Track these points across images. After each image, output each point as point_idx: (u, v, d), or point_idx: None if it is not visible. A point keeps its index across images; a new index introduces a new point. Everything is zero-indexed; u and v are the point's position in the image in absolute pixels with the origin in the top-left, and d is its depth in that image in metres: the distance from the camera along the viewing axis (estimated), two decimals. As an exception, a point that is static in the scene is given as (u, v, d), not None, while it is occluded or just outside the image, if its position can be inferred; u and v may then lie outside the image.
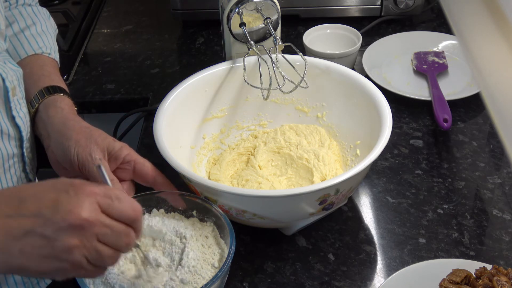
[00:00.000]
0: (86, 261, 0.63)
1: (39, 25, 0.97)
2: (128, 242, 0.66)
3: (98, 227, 0.62)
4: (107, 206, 0.64)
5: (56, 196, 0.62)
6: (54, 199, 0.61)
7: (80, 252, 0.62)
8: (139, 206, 0.67)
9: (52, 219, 0.60)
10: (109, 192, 0.65)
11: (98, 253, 0.63)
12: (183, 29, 1.51)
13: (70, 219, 0.60)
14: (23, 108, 0.84)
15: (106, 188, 0.65)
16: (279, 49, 1.01)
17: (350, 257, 0.91)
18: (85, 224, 0.61)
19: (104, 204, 0.63)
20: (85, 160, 0.82)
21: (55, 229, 0.60)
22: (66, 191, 0.62)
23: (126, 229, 0.65)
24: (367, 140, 0.96)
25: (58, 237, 0.60)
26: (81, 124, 0.87)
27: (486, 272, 0.79)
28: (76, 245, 0.61)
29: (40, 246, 0.61)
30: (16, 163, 0.83)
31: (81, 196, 0.62)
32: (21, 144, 0.84)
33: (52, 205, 0.61)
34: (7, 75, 0.79)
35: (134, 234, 0.67)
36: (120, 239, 0.65)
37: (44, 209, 0.61)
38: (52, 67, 0.96)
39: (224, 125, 1.08)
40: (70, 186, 0.63)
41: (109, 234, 0.63)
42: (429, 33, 1.38)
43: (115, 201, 0.64)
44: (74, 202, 0.61)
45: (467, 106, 1.18)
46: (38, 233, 0.60)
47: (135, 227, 0.67)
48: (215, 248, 0.82)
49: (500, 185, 1.01)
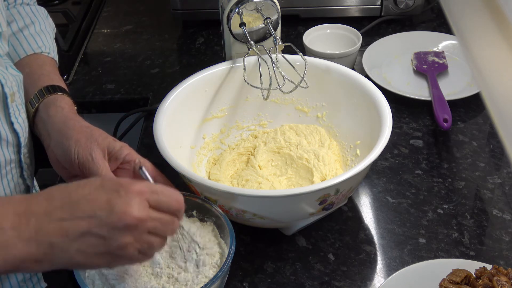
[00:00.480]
0: (138, 252, 0.67)
1: (37, 24, 0.97)
2: (174, 228, 0.70)
3: (149, 223, 0.66)
4: (155, 201, 0.67)
5: (108, 197, 0.65)
6: (107, 200, 0.64)
7: (134, 247, 0.66)
8: (182, 197, 0.71)
9: (107, 220, 0.64)
10: (155, 188, 0.69)
11: (149, 244, 0.67)
12: (183, 29, 1.51)
13: (125, 220, 0.64)
14: (22, 114, 0.84)
15: (151, 185, 0.69)
16: (279, 49, 1.01)
17: (350, 257, 0.91)
18: (138, 223, 0.65)
19: (152, 200, 0.67)
20: (85, 160, 0.82)
21: (111, 229, 0.64)
22: (116, 191, 0.65)
23: (172, 218, 0.69)
24: (367, 140, 0.96)
25: (113, 236, 0.64)
26: (82, 124, 0.87)
27: (486, 272, 0.79)
28: (130, 242, 0.65)
29: (96, 245, 0.65)
30: (13, 169, 0.83)
31: (131, 195, 0.65)
32: (19, 150, 0.84)
33: (106, 207, 0.64)
34: (6, 81, 0.79)
35: (177, 221, 0.71)
36: (168, 228, 0.69)
37: (98, 211, 0.64)
38: (52, 67, 0.96)
39: (224, 125, 1.08)
40: (119, 186, 0.66)
41: (158, 226, 0.67)
42: (429, 33, 1.38)
43: (161, 196, 0.68)
44: (126, 202, 0.65)
45: (467, 106, 1.18)
46: (94, 233, 0.64)
47: (178, 215, 0.71)
48: (215, 248, 0.82)
49: (500, 185, 1.01)
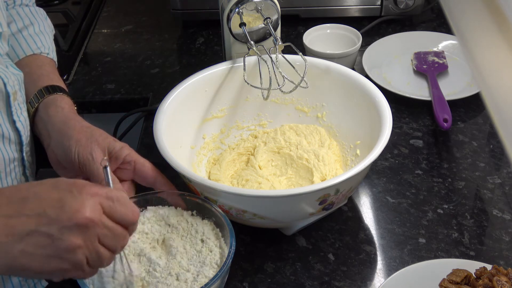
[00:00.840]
0: (86, 261, 0.64)
1: (36, 25, 0.97)
2: (123, 244, 0.67)
3: (100, 228, 0.63)
4: (109, 208, 0.64)
5: (59, 195, 0.62)
6: (59, 199, 0.62)
7: (83, 253, 0.63)
8: (138, 210, 0.68)
9: (57, 218, 0.61)
10: (111, 194, 0.66)
11: (98, 254, 0.64)
12: (183, 29, 1.51)
13: (76, 219, 0.61)
14: (23, 112, 0.84)
15: (108, 190, 0.66)
16: (279, 49, 1.01)
17: (350, 257, 0.91)
18: (89, 224, 0.62)
19: (106, 205, 0.64)
20: (85, 160, 0.82)
21: (60, 228, 0.61)
22: (69, 191, 0.63)
23: (124, 231, 0.66)
24: (367, 140, 0.96)
25: (62, 236, 0.61)
26: (82, 124, 0.87)
27: (486, 272, 0.79)
28: (79, 245, 0.62)
29: (43, 245, 0.61)
30: (16, 167, 0.83)
31: (85, 196, 0.63)
32: (21, 148, 0.84)
33: (57, 205, 0.61)
34: (8, 79, 0.79)
35: (128, 238, 0.68)
36: (118, 241, 0.66)
37: (48, 209, 0.61)
38: (51, 67, 0.96)
39: (224, 125, 1.08)
40: (73, 186, 0.63)
41: (109, 236, 0.64)
42: (429, 33, 1.38)
43: (116, 204, 0.65)
44: (79, 202, 0.62)
45: (467, 106, 1.18)
46: (42, 232, 0.61)
47: (131, 230, 0.68)
48: (215, 248, 0.82)
49: (500, 185, 1.01)
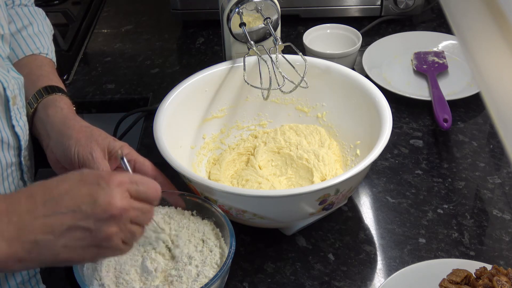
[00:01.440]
0: (122, 242, 0.68)
1: (35, 25, 0.97)
2: (151, 217, 0.72)
3: (131, 212, 0.68)
4: (135, 191, 0.69)
5: (89, 190, 0.65)
6: (89, 194, 0.65)
7: (118, 237, 0.67)
8: (159, 186, 0.72)
9: (92, 212, 0.65)
10: (134, 178, 0.70)
11: (132, 233, 0.69)
12: (183, 29, 1.51)
13: (110, 211, 0.65)
14: (22, 117, 0.84)
15: (130, 175, 0.71)
16: (279, 49, 1.01)
17: (350, 257, 0.91)
18: (122, 213, 0.66)
19: (132, 190, 0.68)
20: (85, 159, 0.83)
21: (96, 221, 0.65)
22: (98, 184, 0.66)
23: (150, 207, 0.71)
24: (367, 140, 0.96)
25: (99, 228, 0.65)
26: (81, 124, 0.87)
27: (486, 272, 0.79)
28: (115, 232, 0.66)
29: (83, 238, 0.65)
30: (14, 171, 0.83)
31: (113, 187, 0.66)
32: (20, 153, 0.84)
33: (89, 200, 0.65)
34: (8, 84, 0.79)
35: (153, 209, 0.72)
36: (147, 216, 0.71)
37: (82, 204, 0.65)
38: (50, 67, 0.96)
39: (224, 125, 1.08)
40: (99, 178, 0.67)
41: (139, 215, 0.69)
42: (429, 33, 1.38)
43: (140, 186, 0.69)
44: (109, 194, 0.65)
45: (467, 106, 1.18)
46: (80, 227, 0.65)
47: (155, 204, 0.72)
48: (215, 248, 0.82)
49: (500, 185, 1.01)
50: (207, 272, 0.78)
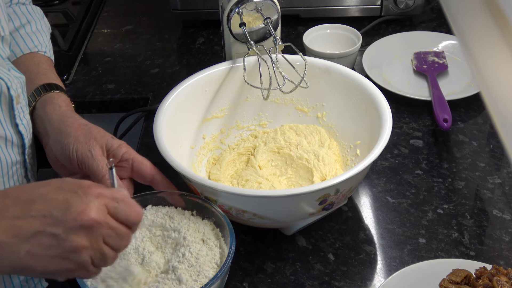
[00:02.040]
0: (90, 261, 0.64)
1: (33, 23, 0.97)
2: (127, 243, 0.68)
3: (105, 229, 0.64)
4: (114, 208, 0.65)
5: (65, 197, 0.63)
6: (64, 200, 0.62)
7: (87, 253, 0.63)
8: (141, 210, 0.68)
9: (63, 219, 0.62)
10: (116, 195, 0.66)
11: (103, 254, 0.65)
12: (183, 29, 1.51)
13: (81, 220, 0.62)
14: (26, 115, 0.84)
15: (112, 191, 0.67)
16: (279, 49, 1.01)
17: (350, 257, 0.91)
18: (94, 225, 0.63)
19: (111, 206, 0.65)
20: (84, 157, 0.82)
21: (66, 229, 0.62)
22: (75, 192, 0.63)
23: (127, 231, 0.67)
24: (367, 140, 0.96)
25: (68, 237, 0.62)
26: (80, 122, 0.87)
27: (486, 272, 0.79)
28: (84, 246, 0.63)
29: (49, 246, 0.62)
30: (18, 169, 0.83)
31: (90, 197, 0.63)
32: (24, 151, 0.84)
33: (62, 206, 0.62)
34: (11, 83, 0.79)
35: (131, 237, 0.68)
36: (122, 241, 0.66)
37: (54, 210, 0.62)
38: (48, 65, 0.96)
39: (224, 125, 1.08)
40: (78, 187, 0.64)
41: (113, 236, 0.65)
42: (429, 33, 1.38)
43: (120, 204, 0.66)
44: (84, 203, 0.63)
45: (467, 106, 1.18)
46: (48, 233, 0.61)
47: (134, 229, 0.68)
48: (215, 248, 0.82)
49: (500, 185, 1.01)
50: (207, 272, 0.78)
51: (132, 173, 0.87)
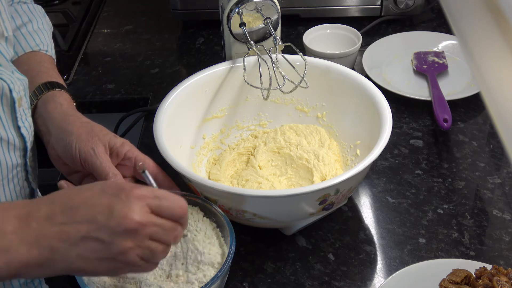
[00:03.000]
0: (140, 259, 0.66)
1: (35, 22, 0.97)
2: (176, 236, 0.69)
3: (149, 228, 0.65)
4: (156, 206, 0.66)
5: (108, 201, 0.64)
6: (107, 204, 0.64)
7: (134, 253, 0.65)
8: (185, 203, 0.69)
9: (107, 224, 0.63)
10: (157, 193, 0.68)
11: (151, 250, 0.66)
12: (183, 29, 1.51)
13: (125, 224, 0.63)
14: (28, 118, 0.84)
15: (153, 190, 0.68)
16: (279, 49, 1.01)
17: (350, 257, 0.91)
18: (138, 227, 0.64)
19: (153, 205, 0.66)
20: (87, 155, 0.82)
21: (110, 233, 0.63)
22: (117, 196, 0.64)
23: (174, 225, 0.68)
24: (367, 140, 0.96)
25: (113, 241, 0.63)
26: (82, 120, 0.87)
27: (486, 272, 0.79)
28: (130, 247, 0.64)
29: (96, 249, 0.64)
30: (19, 172, 0.83)
31: (132, 200, 0.64)
32: (25, 154, 0.84)
33: (106, 211, 0.64)
34: (14, 85, 0.79)
35: (181, 228, 0.70)
36: (169, 235, 0.68)
37: (98, 215, 0.63)
38: (50, 64, 0.96)
39: (224, 125, 1.08)
40: (120, 190, 0.65)
41: (160, 232, 0.66)
42: (429, 33, 1.38)
43: (163, 201, 0.67)
44: (126, 207, 0.64)
45: (467, 106, 1.18)
46: (93, 238, 0.63)
47: (182, 222, 0.69)
48: (215, 248, 0.82)
49: (500, 185, 1.01)
50: (207, 272, 0.78)
51: (135, 171, 0.87)
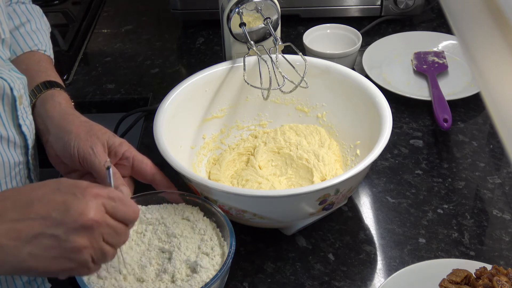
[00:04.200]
0: (91, 260, 0.66)
1: (33, 22, 0.97)
2: (125, 240, 0.70)
3: (104, 228, 0.65)
4: (111, 208, 0.66)
5: (63, 198, 0.64)
6: (63, 202, 0.64)
7: (88, 252, 0.65)
8: (138, 208, 0.70)
9: (63, 220, 0.63)
10: (113, 194, 0.68)
11: (103, 252, 0.66)
12: (183, 29, 1.51)
13: (81, 220, 0.63)
14: (29, 116, 0.84)
15: (110, 190, 0.68)
16: (279, 49, 1.01)
17: (350, 257, 0.91)
18: (94, 225, 0.64)
19: (108, 206, 0.66)
20: (86, 154, 0.82)
21: (66, 230, 0.63)
22: (73, 194, 0.64)
23: (125, 228, 0.69)
24: (367, 140, 0.96)
25: (68, 238, 0.63)
26: (81, 119, 0.87)
27: (486, 272, 0.79)
28: (85, 245, 0.64)
29: (50, 247, 0.63)
30: (21, 170, 0.83)
31: (88, 197, 0.65)
32: (26, 151, 0.84)
33: (62, 208, 0.63)
34: (14, 84, 0.79)
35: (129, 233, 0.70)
36: (121, 238, 0.68)
37: (53, 212, 0.63)
38: (48, 63, 0.96)
39: (224, 125, 1.08)
40: (75, 188, 0.65)
41: (112, 234, 0.67)
42: (429, 33, 1.38)
43: (118, 203, 0.67)
44: (83, 204, 0.64)
45: (467, 106, 1.18)
46: (48, 235, 0.63)
47: (130, 226, 0.70)
48: (215, 248, 0.82)
49: (500, 185, 1.01)
50: (207, 272, 0.78)
51: (133, 171, 0.87)
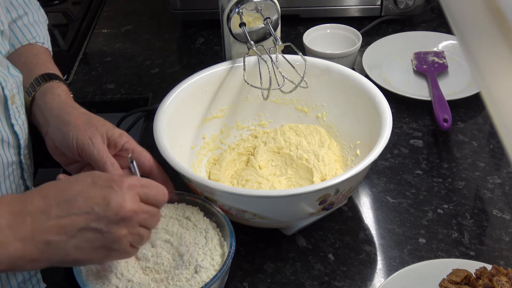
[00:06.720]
0: (129, 245, 0.70)
1: (31, 15, 0.97)
2: (158, 220, 0.74)
3: (140, 215, 0.69)
4: (144, 195, 0.71)
5: (102, 193, 0.68)
6: (102, 196, 0.67)
7: (127, 239, 0.69)
8: (166, 190, 0.74)
9: (104, 214, 0.67)
10: (143, 182, 0.72)
11: (140, 236, 0.71)
12: (183, 29, 1.51)
13: (121, 213, 0.67)
14: (21, 115, 0.84)
15: (139, 179, 0.73)
16: (279, 49, 1.01)
17: (350, 257, 0.91)
18: (132, 215, 0.68)
19: (142, 193, 0.70)
20: (84, 144, 0.83)
21: (107, 222, 0.67)
22: (110, 187, 0.68)
23: (158, 210, 0.73)
24: (367, 140, 0.96)
25: (110, 230, 0.67)
26: (80, 110, 0.87)
27: (486, 272, 0.79)
28: (124, 234, 0.69)
29: (93, 239, 0.67)
30: (14, 170, 0.83)
31: (125, 189, 0.68)
32: (19, 151, 0.84)
33: (102, 202, 0.67)
34: (6, 83, 0.79)
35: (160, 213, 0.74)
36: (154, 220, 0.73)
37: (95, 206, 0.67)
38: (46, 56, 0.96)
39: (224, 125, 1.08)
40: (111, 181, 0.69)
41: (147, 218, 0.71)
42: (429, 33, 1.38)
43: (150, 189, 0.71)
44: (120, 197, 0.68)
45: (467, 106, 1.18)
46: (91, 228, 0.67)
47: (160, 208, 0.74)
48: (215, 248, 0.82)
49: (500, 185, 1.01)
50: (207, 272, 0.78)
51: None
